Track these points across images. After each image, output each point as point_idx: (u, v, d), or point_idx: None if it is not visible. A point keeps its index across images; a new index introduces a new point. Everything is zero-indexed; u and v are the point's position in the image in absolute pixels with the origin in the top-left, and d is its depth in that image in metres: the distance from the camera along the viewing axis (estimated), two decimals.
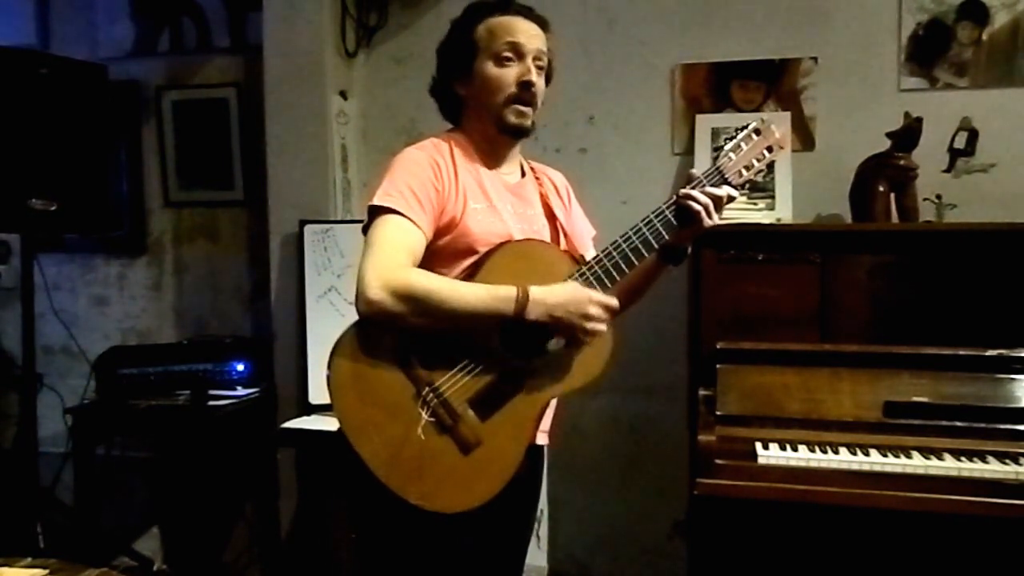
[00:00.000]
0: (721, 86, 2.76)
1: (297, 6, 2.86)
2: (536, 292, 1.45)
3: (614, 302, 1.50)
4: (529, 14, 1.62)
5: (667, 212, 1.57)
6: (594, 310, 1.47)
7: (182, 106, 3.22)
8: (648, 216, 1.57)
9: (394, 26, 3.04)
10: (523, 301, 1.44)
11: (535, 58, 1.59)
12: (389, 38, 3.05)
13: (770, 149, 1.65)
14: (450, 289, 1.45)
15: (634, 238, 1.55)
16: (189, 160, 3.24)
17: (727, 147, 1.63)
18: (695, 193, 1.56)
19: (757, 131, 1.64)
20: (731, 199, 1.61)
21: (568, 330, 1.48)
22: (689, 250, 1.67)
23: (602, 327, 1.49)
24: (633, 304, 1.73)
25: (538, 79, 1.59)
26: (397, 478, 1.42)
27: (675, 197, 1.58)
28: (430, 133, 1.66)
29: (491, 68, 1.57)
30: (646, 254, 1.55)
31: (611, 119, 2.86)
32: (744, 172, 1.63)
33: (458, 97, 1.64)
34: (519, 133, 1.61)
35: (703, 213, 1.54)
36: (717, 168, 1.62)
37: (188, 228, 3.29)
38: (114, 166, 3.16)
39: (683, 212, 1.56)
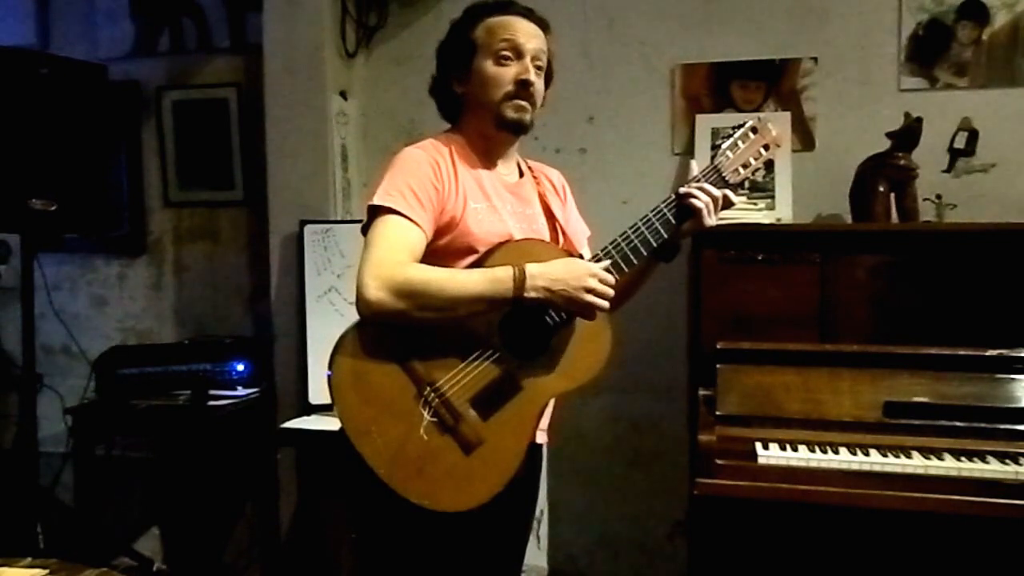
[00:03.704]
0: (721, 86, 2.76)
1: (297, 6, 2.86)
2: (533, 268, 1.46)
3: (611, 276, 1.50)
4: (529, 15, 1.62)
5: (666, 211, 1.58)
6: (593, 282, 1.47)
7: (182, 106, 3.22)
8: (647, 215, 1.57)
9: (394, 26, 3.04)
10: (520, 279, 1.44)
11: (533, 58, 1.59)
12: (389, 38, 3.05)
13: (767, 147, 1.66)
14: (447, 278, 1.45)
15: (633, 238, 1.55)
16: (189, 160, 3.24)
17: (724, 145, 1.64)
18: (696, 191, 1.56)
19: (754, 129, 1.65)
20: (729, 203, 1.61)
21: (569, 304, 1.47)
22: (680, 247, 1.67)
23: (603, 303, 1.48)
24: (625, 302, 1.72)
25: (536, 79, 1.59)
26: (399, 478, 1.42)
27: (674, 195, 1.59)
28: (430, 133, 1.66)
29: (489, 66, 1.57)
30: (645, 253, 1.56)
31: (611, 119, 2.86)
32: (742, 170, 1.64)
33: (456, 96, 1.65)
34: (517, 128, 1.61)
35: (705, 210, 1.55)
36: (715, 166, 1.63)
37: (188, 228, 3.29)
38: (114, 166, 3.16)
39: (683, 209, 1.57)
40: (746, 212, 2.57)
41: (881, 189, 2.38)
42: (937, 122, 2.51)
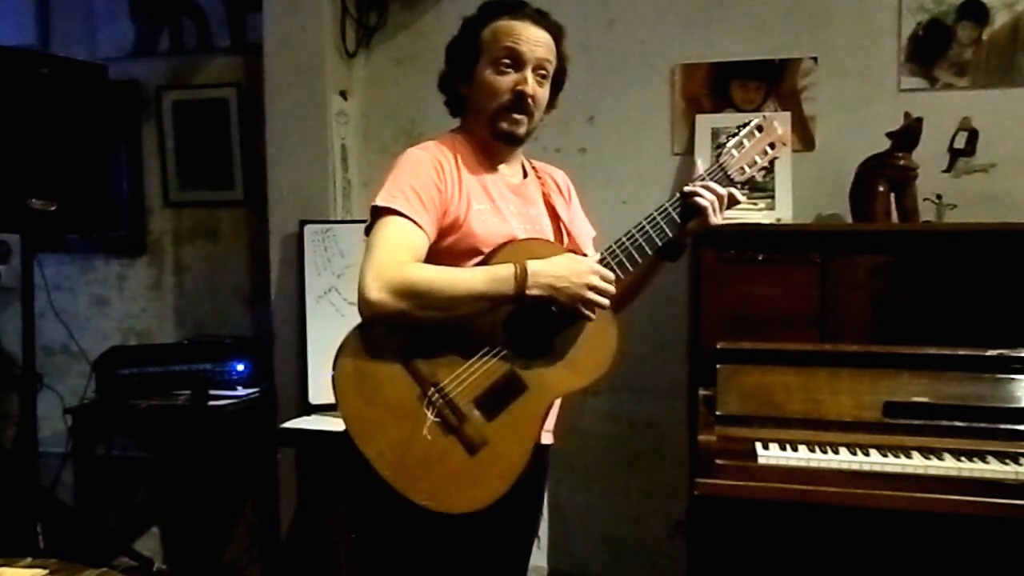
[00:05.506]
0: (721, 86, 2.76)
1: (297, 6, 2.86)
2: (534, 264, 1.45)
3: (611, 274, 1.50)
4: (541, 20, 1.59)
5: (671, 210, 1.57)
6: (595, 279, 1.46)
7: (182, 106, 3.22)
8: (652, 214, 1.57)
9: (394, 26, 3.04)
10: (522, 277, 1.44)
11: (536, 67, 1.57)
12: (389, 38, 3.05)
13: (772, 146, 1.66)
14: (449, 277, 1.45)
15: (638, 236, 1.55)
16: (189, 160, 3.24)
17: (729, 144, 1.63)
18: (701, 189, 1.56)
19: (759, 128, 1.65)
20: (735, 201, 1.61)
21: (571, 301, 1.46)
22: (686, 246, 1.66)
23: (604, 301, 1.48)
24: (630, 301, 1.72)
25: (537, 89, 1.57)
26: (404, 479, 1.42)
27: (680, 194, 1.59)
28: (430, 133, 1.66)
29: (488, 74, 1.57)
30: (650, 252, 1.56)
31: (611, 119, 2.86)
32: (747, 169, 1.63)
33: (462, 96, 1.65)
34: (510, 140, 1.61)
35: (710, 208, 1.55)
36: (720, 165, 1.62)
37: (188, 228, 3.29)
38: (114, 166, 3.16)
39: (689, 208, 1.57)
40: (746, 212, 2.57)
41: (881, 189, 2.38)
42: (937, 122, 2.51)
